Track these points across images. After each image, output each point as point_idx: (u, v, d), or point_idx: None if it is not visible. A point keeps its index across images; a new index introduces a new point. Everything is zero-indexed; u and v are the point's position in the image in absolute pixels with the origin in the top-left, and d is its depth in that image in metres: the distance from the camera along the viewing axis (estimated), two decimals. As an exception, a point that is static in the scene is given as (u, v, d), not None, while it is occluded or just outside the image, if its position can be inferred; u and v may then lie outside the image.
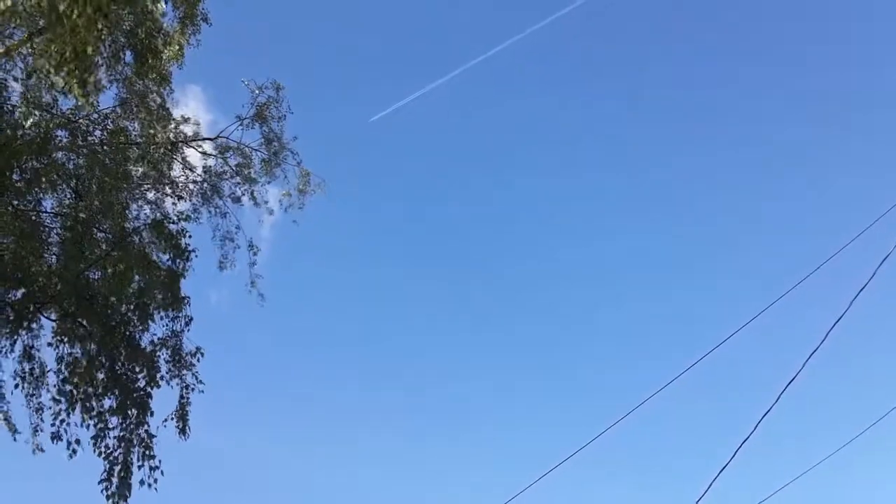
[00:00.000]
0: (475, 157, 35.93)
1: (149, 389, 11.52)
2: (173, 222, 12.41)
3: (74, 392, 11.17)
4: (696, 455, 26.31)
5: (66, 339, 11.46)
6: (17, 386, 12.01)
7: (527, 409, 31.57)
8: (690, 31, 36.49)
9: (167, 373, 12.10)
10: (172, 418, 11.85)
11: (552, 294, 35.16)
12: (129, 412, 11.25)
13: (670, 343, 32.14)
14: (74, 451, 10.84)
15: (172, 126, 14.80)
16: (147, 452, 11.13)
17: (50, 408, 10.98)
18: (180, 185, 15.00)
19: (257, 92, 15.21)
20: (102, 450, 11.06)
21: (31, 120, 11.39)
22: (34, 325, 12.16)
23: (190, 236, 12.39)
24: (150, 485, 10.95)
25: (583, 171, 36.26)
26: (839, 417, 25.71)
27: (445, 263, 35.62)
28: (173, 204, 14.68)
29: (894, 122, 32.63)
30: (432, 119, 33.92)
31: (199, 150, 15.44)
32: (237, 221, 15.48)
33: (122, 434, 11.16)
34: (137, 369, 11.55)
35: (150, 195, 14.43)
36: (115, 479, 10.72)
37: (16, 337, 11.97)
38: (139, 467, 11.02)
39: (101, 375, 11.37)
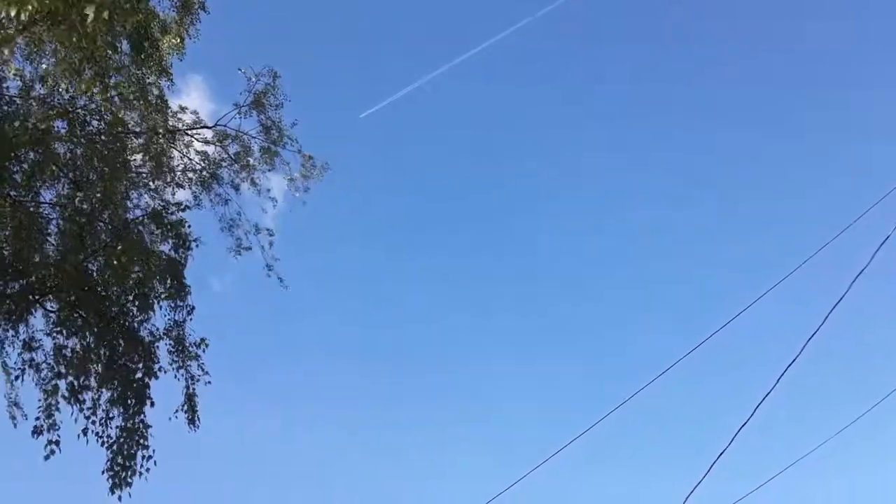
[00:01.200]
0: (468, 151, 35.99)
1: (147, 380, 11.53)
2: (172, 213, 12.40)
3: (76, 383, 11.21)
4: (693, 440, 26.45)
5: (64, 331, 11.48)
6: (17, 378, 12.05)
7: (523, 401, 31.73)
8: (684, 24, 36.41)
9: (171, 363, 12.11)
10: (182, 409, 11.84)
11: (546, 286, 35.28)
12: (129, 402, 11.28)
13: (668, 330, 32.25)
14: (58, 444, 10.76)
15: (171, 115, 14.77)
16: (142, 442, 11.13)
17: (46, 399, 10.98)
18: (179, 173, 15.00)
19: (254, 80, 15.19)
20: (105, 440, 11.12)
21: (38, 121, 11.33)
22: (34, 317, 12.20)
23: (189, 226, 12.41)
24: (141, 474, 10.94)
25: (579, 161, 36.27)
26: (838, 401, 25.80)
27: (443, 258, 35.72)
28: (173, 193, 14.67)
29: (893, 108, 32.54)
30: (423, 114, 33.95)
31: (199, 138, 15.43)
32: (238, 207, 15.52)
33: (123, 424, 11.22)
34: (136, 359, 11.58)
35: (150, 184, 14.41)
36: (117, 468, 10.78)
37: (17, 328, 12.01)
38: (134, 455, 11.04)
39: (99, 367, 11.39)
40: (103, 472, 10.79)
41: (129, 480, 10.71)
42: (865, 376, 26.47)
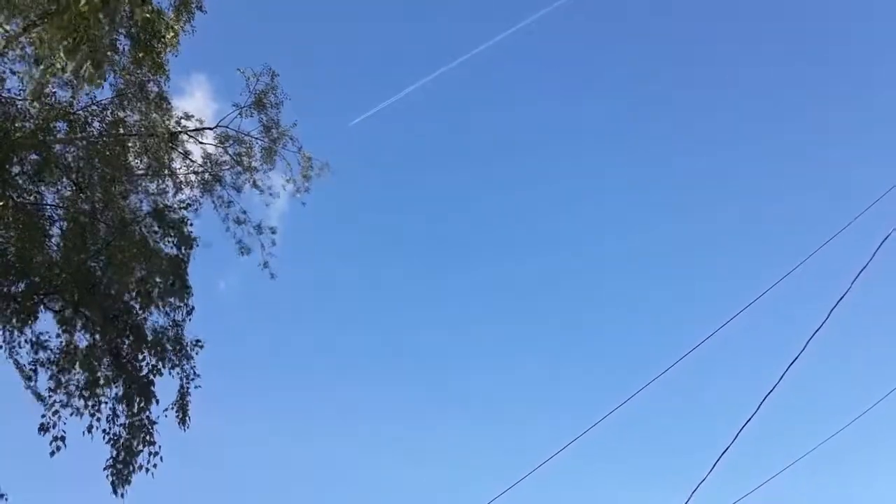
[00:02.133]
0: (459, 159, 35.96)
1: (151, 377, 11.59)
2: (174, 211, 12.45)
3: (83, 381, 11.27)
4: (695, 441, 26.43)
5: (68, 329, 11.52)
6: (29, 378, 12.10)
7: (526, 399, 31.74)
8: (669, 28, 36.36)
9: (168, 361, 12.15)
10: (173, 408, 11.89)
11: (545, 293, 35.25)
12: (134, 399, 11.34)
13: (669, 329, 32.21)
14: (63, 440, 10.77)
15: (173, 116, 14.78)
16: (148, 438, 11.19)
17: (52, 395, 11.03)
18: (181, 175, 15.02)
19: (254, 79, 15.21)
20: (111, 437, 11.20)
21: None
22: (41, 316, 12.23)
23: (191, 224, 12.46)
24: (148, 470, 11.01)
25: (578, 164, 36.17)
26: (841, 398, 25.77)
27: (434, 266, 35.76)
28: (174, 195, 14.70)
29: (894, 105, 32.49)
30: (413, 122, 33.93)
31: (199, 140, 15.45)
32: (241, 206, 15.58)
33: (127, 421, 11.27)
34: (141, 357, 11.65)
35: (152, 186, 14.44)
36: (119, 466, 10.82)
37: (24, 328, 12.04)
38: (138, 453, 11.10)
39: (105, 364, 11.46)
40: (105, 469, 10.82)
41: (129, 478, 10.74)
42: (867, 374, 26.41)
